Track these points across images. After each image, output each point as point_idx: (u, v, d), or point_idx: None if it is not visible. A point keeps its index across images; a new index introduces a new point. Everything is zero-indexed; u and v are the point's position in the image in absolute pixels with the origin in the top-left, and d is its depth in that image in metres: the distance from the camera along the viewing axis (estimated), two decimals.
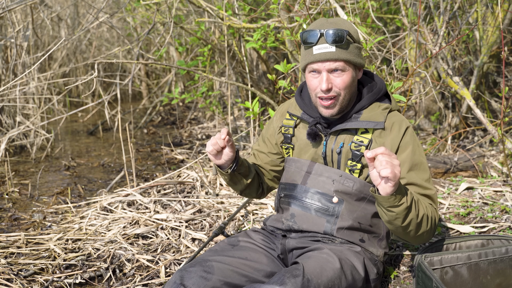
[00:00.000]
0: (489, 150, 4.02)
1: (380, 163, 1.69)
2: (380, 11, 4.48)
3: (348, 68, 1.97)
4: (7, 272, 2.51)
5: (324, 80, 1.96)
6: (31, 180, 4.10)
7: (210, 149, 2.07)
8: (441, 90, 4.20)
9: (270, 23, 3.54)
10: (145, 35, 3.86)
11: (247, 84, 4.64)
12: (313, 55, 1.96)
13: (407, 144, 2.02)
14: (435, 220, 1.96)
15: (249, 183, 2.25)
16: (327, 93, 1.97)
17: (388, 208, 1.81)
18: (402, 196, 1.79)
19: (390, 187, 1.74)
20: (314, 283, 1.82)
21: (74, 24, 7.07)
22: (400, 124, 2.04)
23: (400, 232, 1.91)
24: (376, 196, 1.81)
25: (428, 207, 1.93)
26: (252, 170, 2.25)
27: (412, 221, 1.85)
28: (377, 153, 1.71)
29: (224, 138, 2.02)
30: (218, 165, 2.15)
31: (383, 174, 1.69)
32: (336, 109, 2.02)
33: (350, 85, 2.00)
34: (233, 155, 2.09)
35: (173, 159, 4.59)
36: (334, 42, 1.92)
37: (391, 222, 1.87)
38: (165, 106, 6.86)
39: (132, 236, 2.88)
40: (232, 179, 2.19)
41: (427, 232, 1.93)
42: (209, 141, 2.07)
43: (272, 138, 2.29)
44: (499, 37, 3.83)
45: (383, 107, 2.07)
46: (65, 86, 6.92)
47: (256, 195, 2.36)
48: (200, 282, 1.86)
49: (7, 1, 3.81)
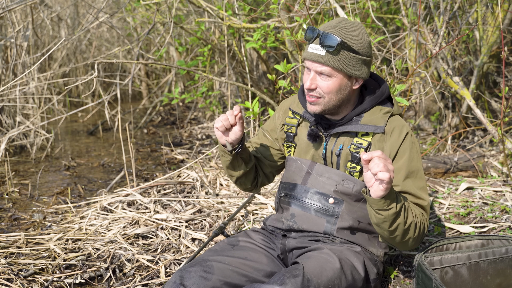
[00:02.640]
0: (489, 150, 4.02)
1: (377, 165, 1.71)
2: (380, 11, 4.47)
3: (337, 75, 1.96)
4: (7, 272, 2.51)
5: (309, 79, 1.98)
6: (31, 180, 4.10)
7: (219, 125, 2.03)
8: (441, 90, 4.19)
9: (270, 23, 3.53)
10: (145, 35, 3.86)
11: (247, 84, 4.64)
12: (307, 52, 1.98)
13: (405, 150, 2.02)
14: (424, 229, 1.98)
15: (248, 170, 2.22)
16: (309, 91, 2.00)
17: (377, 211, 1.84)
18: (392, 201, 1.82)
19: (381, 190, 1.76)
20: (314, 283, 1.82)
21: (74, 24, 7.07)
22: (400, 130, 2.04)
23: (386, 236, 1.93)
24: (367, 197, 1.83)
25: (418, 216, 1.95)
26: (252, 159, 2.24)
27: (399, 226, 1.87)
28: (373, 156, 1.73)
29: (236, 114, 2.00)
30: (223, 145, 2.12)
31: (380, 176, 1.70)
32: (319, 108, 2.02)
33: (337, 92, 1.98)
34: (241, 135, 2.05)
35: (173, 159, 4.59)
36: (325, 46, 1.92)
37: (379, 225, 1.89)
38: (165, 106, 6.85)
39: (132, 236, 2.88)
40: (233, 162, 2.16)
41: (413, 239, 1.94)
42: (219, 117, 2.03)
43: (273, 133, 2.29)
44: (499, 37, 3.83)
45: (384, 111, 2.06)
46: (65, 86, 6.92)
47: (250, 186, 2.32)
48: (200, 282, 1.86)
49: (7, 1, 3.81)
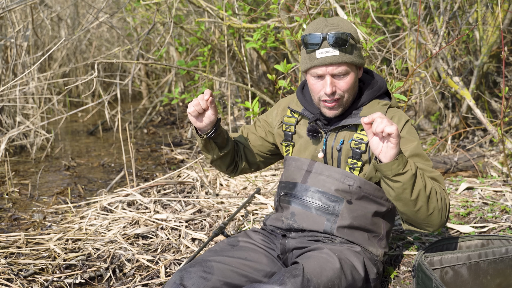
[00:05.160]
0: (489, 150, 4.02)
1: (380, 123, 1.70)
2: (380, 11, 4.47)
3: (351, 70, 1.98)
4: (7, 272, 2.50)
5: (328, 84, 1.95)
6: (31, 180, 4.10)
7: (191, 110, 2.02)
8: (441, 90, 4.19)
9: (270, 23, 3.53)
10: (145, 35, 3.86)
11: (247, 84, 4.64)
12: (317, 59, 1.94)
13: (407, 135, 2.02)
14: (446, 200, 1.90)
15: (222, 155, 2.21)
16: (332, 96, 1.97)
17: (393, 178, 1.78)
18: (405, 162, 1.78)
19: (392, 148, 1.73)
20: (314, 283, 1.82)
21: (74, 24, 7.08)
22: (399, 117, 2.05)
23: (411, 212, 1.85)
24: (380, 166, 1.78)
25: (435, 185, 1.90)
26: (229, 145, 2.21)
27: (420, 193, 1.81)
28: (374, 117, 1.72)
29: (207, 99, 1.99)
30: (198, 128, 2.11)
31: (387, 130, 1.68)
32: (340, 110, 2.03)
33: (353, 86, 2.01)
34: (214, 119, 2.05)
35: (173, 159, 4.59)
36: (337, 46, 1.91)
37: (400, 198, 1.82)
38: (165, 106, 6.85)
39: (132, 236, 2.88)
40: (206, 145, 2.16)
41: (439, 210, 1.86)
42: (191, 102, 2.03)
43: (267, 126, 2.29)
44: (499, 37, 3.83)
45: (382, 103, 2.08)
46: (65, 86, 6.92)
47: (226, 170, 2.32)
48: (200, 282, 1.86)
49: (7, 1, 3.81)
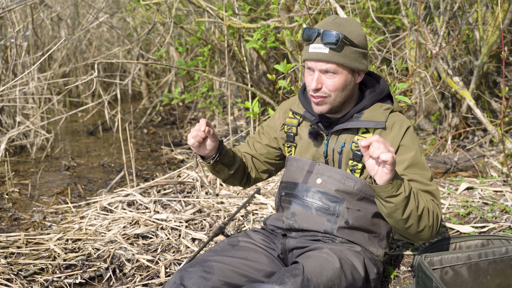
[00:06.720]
0: (489, 150, 4.02)
1: (377, 148, 1.70)
2: (380, 11, 4.47)
3: (342, 71, 1.96)
4: (7, 272, 2.50)
5: (314, 80, 1.97)
6: (31, 180, 4.10)
7: (191, 142, 2.04)
8: (441, 90, 4.19)
9: (270, 23, 3.53)
10: (145, 35, 3.86)
11: (247, 84, 4.64)
12: (308, 52, 1.98)
13: (407, 143, 2.02)
14: (438, 216, 1.93)
15: (232, 173, 2.22)
16: (316, 92, 1.99)
17: (387, 199, 1.81)
18: (399, 185, 1.79)
19: (387, 173, 1.74)
20: (314, 283, 1.82)
21: (74, 24, 7.07)
22: (401, 124, 2.04)
23: (401, 228, 1.90)
24: (374, 187, 1.80)
25: (429, 201, 1.92)
26: (237, 161, 2.22)
27: (412, 213, 1.84)
28: (372, 141, 1.72)
29: (203, 130, 2.00)
30: (203, 156, 2.12)
31: (382, 157, 1.69)
32: (326, 107, 2.02)
33: (342, 88, 1.99)
34: (216, 145, 2.07)
35: (173, 159, 4.59)
36: (328, 44, 1.92)
37: (391, 216, 1.86)
38: (165, 106, 6.85)
39: (132, 236, 2.88)
40: (215, 168, 2.17)
41: (429, 227, 1.90)
42: (190, 133, 2.03)
43: (271, 131, 2.29)
44: (499, 37, 3.83)
45: (384, 107, 2.07)
46: (65, 86, 6.91)
47: (239, 184, 2.34)
48: (200, 282, 1.86)
49: (7, 1, 3.81)
